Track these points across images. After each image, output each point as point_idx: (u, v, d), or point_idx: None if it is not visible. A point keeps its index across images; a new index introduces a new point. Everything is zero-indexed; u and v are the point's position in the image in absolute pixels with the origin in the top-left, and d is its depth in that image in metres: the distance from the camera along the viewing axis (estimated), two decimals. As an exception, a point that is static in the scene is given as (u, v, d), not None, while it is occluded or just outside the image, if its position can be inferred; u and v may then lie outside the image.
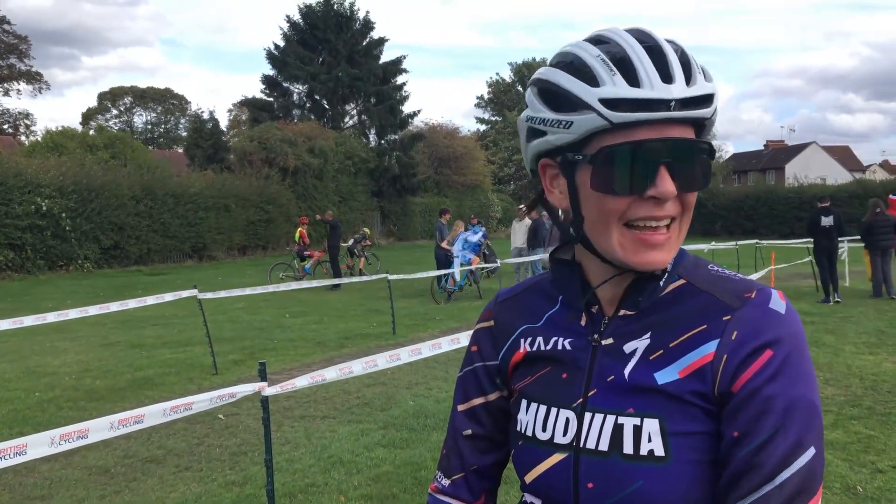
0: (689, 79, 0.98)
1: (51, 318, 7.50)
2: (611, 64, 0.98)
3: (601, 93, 0.97)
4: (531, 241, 15.51)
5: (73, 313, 7.67)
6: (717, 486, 0.97)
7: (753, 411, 0.95)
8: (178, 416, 3.43)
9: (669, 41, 1.01)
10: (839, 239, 13.36)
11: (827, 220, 13.06)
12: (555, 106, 1.02)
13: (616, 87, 0.96)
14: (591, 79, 0.99)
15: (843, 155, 69.27)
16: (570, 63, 1.02)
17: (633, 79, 0.96)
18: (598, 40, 1.03)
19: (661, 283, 1.07)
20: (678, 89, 0.96)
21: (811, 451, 0.94)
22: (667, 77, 0.96)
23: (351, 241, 19.83)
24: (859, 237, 14.07)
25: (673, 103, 0.95)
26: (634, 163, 0.97)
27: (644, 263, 1.00)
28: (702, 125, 1.02)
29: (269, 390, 3.75)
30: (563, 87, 1.01)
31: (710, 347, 0.99)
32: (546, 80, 1.04)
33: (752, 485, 0.93)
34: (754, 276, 10.87)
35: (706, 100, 0.99)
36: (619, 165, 0.97)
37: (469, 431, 1.22)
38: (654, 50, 0.99)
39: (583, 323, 1.10)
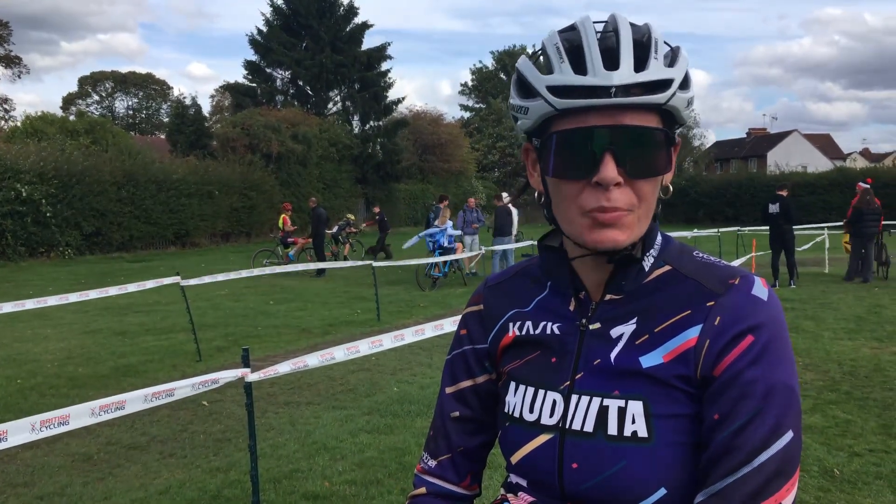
0: (640, 65, 0.98)
1: (29, 304, 7.42)
2: (563, 52, 1.00)
3: (549, 80, 1.00)
4: (495, 228, 15.93)
5: (52, 300, 7.59)
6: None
7: (734, 394, 0.97)
8: (161, 403, 3.42)
9: (637, 26, 1.02)
10: (794, 226, 13.60)
11: (773, 208, 13.35)
12: (521, 93, 1.06)
13: (562, 74, 0.99)
14: (544, 67, 1.02)
15: (825, 143, 69.80)
16: (536, 52, 1.06)
17: (580, 66, 0.98)
18: (569, 28, 1.05)
19: (647, 269, 1.08)
20: (621, 76, 0.96)
21: (789, 435, 0.96)
22: (611, 64, 0.97)
23: (335, 228, 19.78)
24: (847, 221, 14.30)
25: (614, 90, 0.96)
26: (579, 148, 0.99)
27: (599, 242, 1.01)
28: (669, 112, 1.02)
29: (252, 376, 3.76)
30: (524, 75, 1.05)
31: (694, 332, 1.01)
32: (517, 69, 1.08)
33: (731, 466, 0.95)
34: (736, 263, 10.95)
35: (659, 85, 0.99)
36: (565, 151, 1.00)
37: (457, 413, 1.24)
38: (609, 37, 1.00)
39: (571, 308, 1.12)
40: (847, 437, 5.10)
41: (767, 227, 13.84)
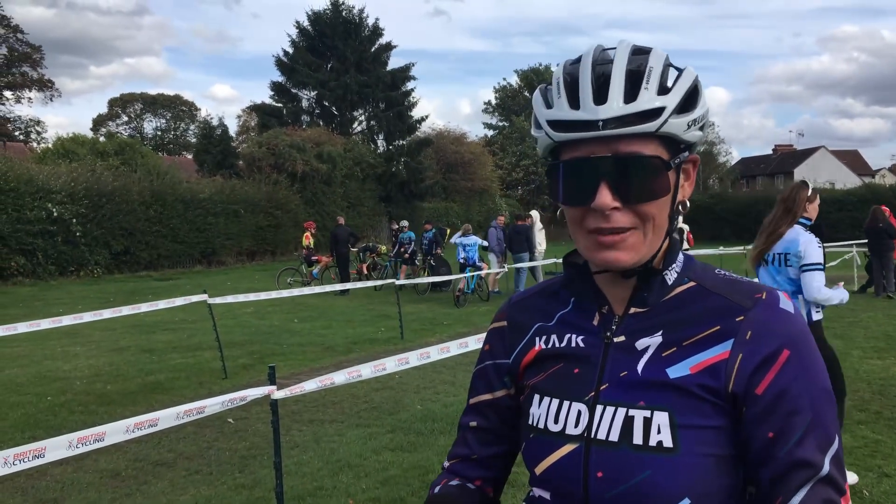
0: (630, 96, 1.02)
1: (66, 320, 7.60)
2: (562, 86, 1.06)
3: (549, 114, 1.07)
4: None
5: (87, 316, 7.76)
6: (723, 478, 1.03)
7: (785, 411, 1.01)
8: (191, 420, 3.48)
9: (638, 55, 1.06)
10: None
11: None
12: (534, 125, 1.13)
13: (559, 109, 1.06)
14: (548, 101, 1.09)
15: (852, 159, 68.91)
16: (546, 84, 1.12)
17: (574, 100, 1.04)
18: (576, 59, 1.10)
19: (670, 283, 1.12)
20: (608, 110, 1.01)
21: (837, 438, 1.03)
22: (600, 98, 1.02)
23: (357, 248, 19.86)
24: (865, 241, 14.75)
25: (601, 123, 1.01)
26: (576, 177, 1.05)
27: (602, 261, 1.07)
28: (671, 137, 1.05)
29: (278, 394, 3.80)
30: (534, 107, 1.12)
31: (726, 347, 1.04)
32: (532, 101, 1.14)
33: (802, 479, 1.00)
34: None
35: (649, 115, 1.02)
36: (567, 179, 1.06)
37: (475, 423, 1.29)
38: (605, 68, 1.05)
39: (595, 322, 1.15)
40: (877, 458, 5.03)
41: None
